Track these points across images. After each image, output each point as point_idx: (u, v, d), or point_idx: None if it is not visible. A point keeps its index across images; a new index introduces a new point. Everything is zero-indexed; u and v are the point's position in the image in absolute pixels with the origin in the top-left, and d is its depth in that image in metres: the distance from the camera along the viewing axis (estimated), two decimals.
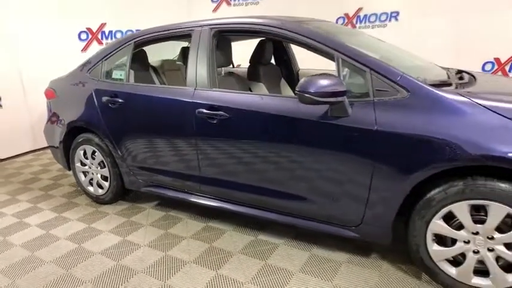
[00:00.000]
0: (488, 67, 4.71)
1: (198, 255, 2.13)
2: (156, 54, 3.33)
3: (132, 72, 2.67)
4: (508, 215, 1.49)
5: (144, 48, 2.88)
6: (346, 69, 1.80)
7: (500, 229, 1.53)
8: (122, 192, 2.85)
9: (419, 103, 1.61)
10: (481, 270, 1.61)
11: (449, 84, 1.78)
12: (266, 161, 2.00)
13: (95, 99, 2.67)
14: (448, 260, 1.69)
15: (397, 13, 5.42)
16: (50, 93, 3.07)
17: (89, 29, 5.07)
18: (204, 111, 2.12)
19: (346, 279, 1.84)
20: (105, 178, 2.83)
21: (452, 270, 1.67)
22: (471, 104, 1.53)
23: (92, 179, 2.92)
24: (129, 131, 2.53)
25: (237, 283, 1.86)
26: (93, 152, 2.81)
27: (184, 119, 2.21)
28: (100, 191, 2.89)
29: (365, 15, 5.70)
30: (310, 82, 1.65)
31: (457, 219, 1.60)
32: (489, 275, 1.59)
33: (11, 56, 4.33)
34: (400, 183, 1.64)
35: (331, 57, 1.85)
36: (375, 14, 5.60)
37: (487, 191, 1.49)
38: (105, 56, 2.73)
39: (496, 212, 1.50)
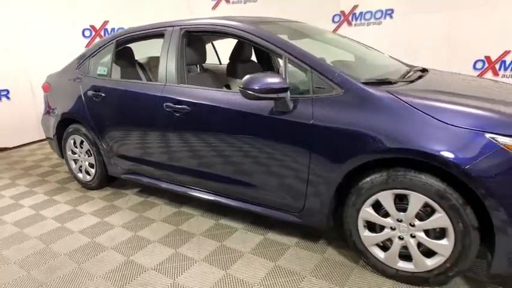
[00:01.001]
0: (479, 65, 4.72)
1: (163, 236, 2.34)
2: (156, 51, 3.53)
3: (118, 68, 2.89)
4: (426, 204, 1.62)
5: (131, 46, 3.10)
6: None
7: (420, 217, 1.66)
8: (106, 179, 3.09)
9: (351, 100, 1.75)
10: (406, 255, 1.75)
11: (389, 83, 1.90)
12: (221, 151, 2.18)
13: (81, 93, 2.91)
14: (377, 245, 1.83)
15: (392, 10, 5.47)
16: (46, 87, 3.35)
17: (92, 26, 5.35)
18: (171, 105, 2.31)
19: (289, 261, 2.00)
20: (91, 165, 3.08)
21: (381, 255, 1.81)
22: (395, 101, 1.66)
23: (81, 167, 3.18)
24: (109, 123, 2.76)
25: (192, 260, 2.06)
26: (82, 142, 3.06)
27: (155, 112, 2.41)
28: (88, 178, 3.15)
29: (360, 13, 5.76)
30: (253, 79, 1.82)
31: (384, 207, 1.74)
32: (412, 259, 1.73)
33: (19, 52, 4.66)
34: (332, 172, 1.79)
35: (280, 56, 2.00)
36: (370, 12, 5.66)
37: (406, 181, 1.62)
38: (91, 54, 2.97)
39: (415, 200, 1.63)
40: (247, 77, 1.83)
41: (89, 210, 2.79)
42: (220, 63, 3.82)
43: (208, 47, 3.88)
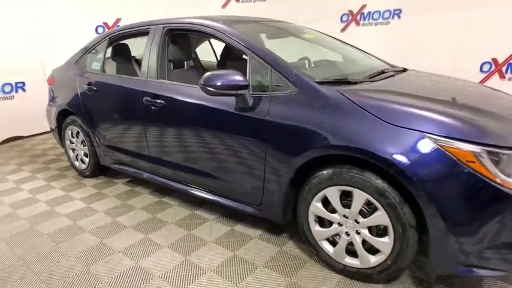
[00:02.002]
0: (486, 67, 4.57)
1: (138, 222, 2.48)
2: None
3: (114, 64, 3.07)
4: (369, 202, 1.66)
5: (127, 42, 3.27)
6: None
7: (364, 214, 1.70)
8: (99, 168, 3.28)
9: (304, 98, 1.80)
10: (354, 251, 1.79)
11: (348, 82, 1.93)
12: (190, 144, 2.29)
13: (77, 87, 3.11)
14: (328, 240, 1.88)
15: (400, 10, 5.39)
16: (50, 80, 3.58)
17: (105, 23, 5.61)
18: (149, 99, 2.45)
19: (247, 251, 2.09)
20: (86, 155, 3.28)
21: (330, 249, 1.86)
22: (343, 100, 1.70)
23: (77, 155, 3.39)
24: (99, 115, 2.94)
25: (157, 246, 2.19)
26: (78, 132, 3.27)
27: (136, 105, 2.55)
28: (83, 166, 3.36)
29: (369, 12, 5.70)
30: (213, 76, 1.91)
31: (331, 203, 1.78)
32: (358, 255, 1.77)
33: (35, 48, 4.98)
34: (285, 167, 1.85)
35: (247, 55, 2.08)
36: (379, 11, 5.59)
37: (349, 178, 1.66)
38: (88, 50, 3.16)
39: (358, 197, 1.67)
40: (207, 74, 1.93)
41: (79, 196, 2.98)
42: (217, 61, 3.93)
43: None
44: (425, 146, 1.47)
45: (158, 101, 2.39)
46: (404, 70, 2.53)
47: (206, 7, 6.30)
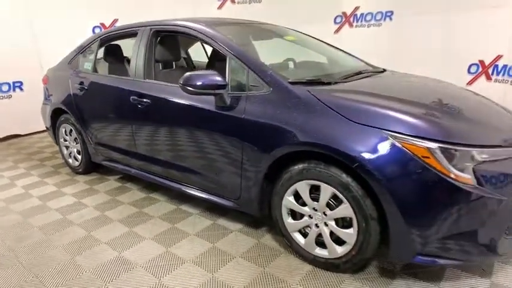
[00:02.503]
0: (473, 69, 4.65)
1: (125, 216, 2.59)
2: None
3: (106, 64, 3.18)
4: (335, 195, 1.75)
5: (119, 43, 3.38)
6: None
7: (330, 207, 1.80)
8: (91, 165, 3.39)
9: (277, 97, 1.91)
10: (323, 242, 1.89)
11: (322, 83, 2.03)
12: (174, 141, 2.39)
13: (70, 86, 3.22)
14: (300, 232, 1.98)
15: (392, 12, 5.47)
16: (45, 80, 3.70)
17: (102, 24, 5.73)
18: (136, 98, 2.55)
19: (226, 243, 2.19)
20: (78, 152, 3.39)
21: (302, 241, 1.96)
22: (311, 99, 1.80)
23: (71, 153, 3.50)
24: (90, 113, 3.05)
25: (141, 238, 2.29)
26: (71, 130, 3.38)
27: (124, 104, 2.66)
28: (76, 163, 3.47)
29: (362, 14, 5.80)
30: (192, 77, 2.01)
31: (302, 197, 1.88)
32: (326, 246, 1.87)
33: (33, 48, 5.10)
34: (259, 163, 1.95)
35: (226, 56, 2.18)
36: (371, 13, 5.68)
37: (316, 173, 1.76)
38: (80, 50, 3.27)
39: (325, 191, 1.77)
40: (187, 74, 2.03)
41: (71, 191, 3.09)
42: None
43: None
44: (385, 142, 1.56)
45: (144, 100, 2.50)
46: (384, 71, 2.63)
47: (203, 8, 6.39)
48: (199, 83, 1.99)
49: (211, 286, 1.82)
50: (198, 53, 4.14)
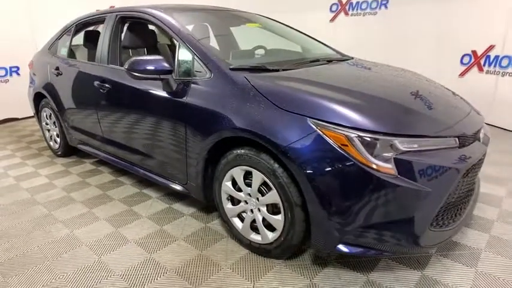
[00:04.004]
0: (466, 60, 4.50)
1: (89, 198, 2.68)
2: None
3: (85, 50, 3.25)
4: (264, 181, 1.77)
5: (99, 29, 3.43)
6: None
7: (262, 193, 1.81)
8: (70, 148, 3.50)
9: (217, 83, 1.92)
10: (257, 228, 1.91)
11: (268, 70, 2.02)
12: (131, 125, 2.44)
13: (48, 71, 3.31)
14: (239, 217, 2.00)
15: (387, 1, 5.33)
16: (30, 65, 3.81)
17: (98, 10, 5.80)
18: (99, 82, 2.61)
19: (174, 226, 2.24)
20: (57, 135, 3.50)
21: (239, 226, 1.99)
22: (246, 85, 1.80)
23: (51, 136, 3.62)
24: (65, 97, 3.14)
25: (96, 218, 2.37)
26: (50, 114, 3.49)
27: (90, 89, 2.72)
28: (56, 146, 3.59)
29: (357, 2, 5.68)
30: (136, 62, 2.04)
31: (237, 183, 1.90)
32: (259, 232, 1.89)
33: (31, 33, 5.24)
34: (200, 147, 1.98)
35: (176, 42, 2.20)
36: (366, 2, 5.56)
37: (248, 159, 1.78)
38: (58, 36, 3.35)
39: (256, 177, 1.79)
40: (132, 59, 2.06)
41: (46, 173, 3.21)
42: None
43: None
44: (306, 129, 1.55)
45: (105, 84, 2.55)
46: (351, 59, 2.59)
47: None
48: (143, 68, 2.02)
49: (147, 266, 1.88)
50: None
